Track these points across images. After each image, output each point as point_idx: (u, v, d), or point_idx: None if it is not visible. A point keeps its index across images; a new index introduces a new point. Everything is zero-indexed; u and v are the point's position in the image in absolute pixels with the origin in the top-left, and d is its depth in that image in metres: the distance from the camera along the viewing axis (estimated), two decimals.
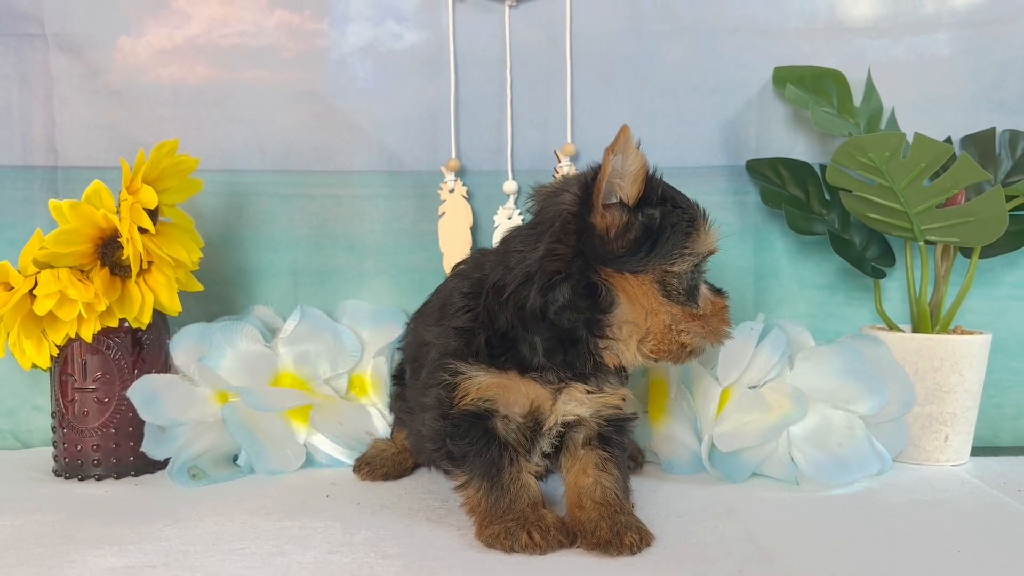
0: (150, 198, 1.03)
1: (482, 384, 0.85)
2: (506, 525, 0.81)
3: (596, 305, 0.83)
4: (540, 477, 0.90)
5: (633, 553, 0.79)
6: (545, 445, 0.88)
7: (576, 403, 0.86)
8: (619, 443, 0.90)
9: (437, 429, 0.88)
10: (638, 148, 0.83)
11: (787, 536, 0.85)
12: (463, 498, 0.87)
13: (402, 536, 0.85)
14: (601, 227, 0.82)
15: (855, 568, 0.77)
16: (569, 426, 0.88)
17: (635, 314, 0.84)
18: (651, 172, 0.86)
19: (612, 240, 0.83)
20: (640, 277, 0.83)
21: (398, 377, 1.12)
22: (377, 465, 1.07)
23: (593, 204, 0.82)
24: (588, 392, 0.87)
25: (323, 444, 1.13)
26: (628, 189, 0.83)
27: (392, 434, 1.14)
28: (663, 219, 0.85)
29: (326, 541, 0.83)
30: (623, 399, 0.90)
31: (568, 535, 0.82)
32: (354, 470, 1.09)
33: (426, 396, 0.90)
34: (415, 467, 1.11)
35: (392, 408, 1.15)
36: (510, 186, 1.26)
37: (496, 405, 0.86)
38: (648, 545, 0.81)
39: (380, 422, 1.17)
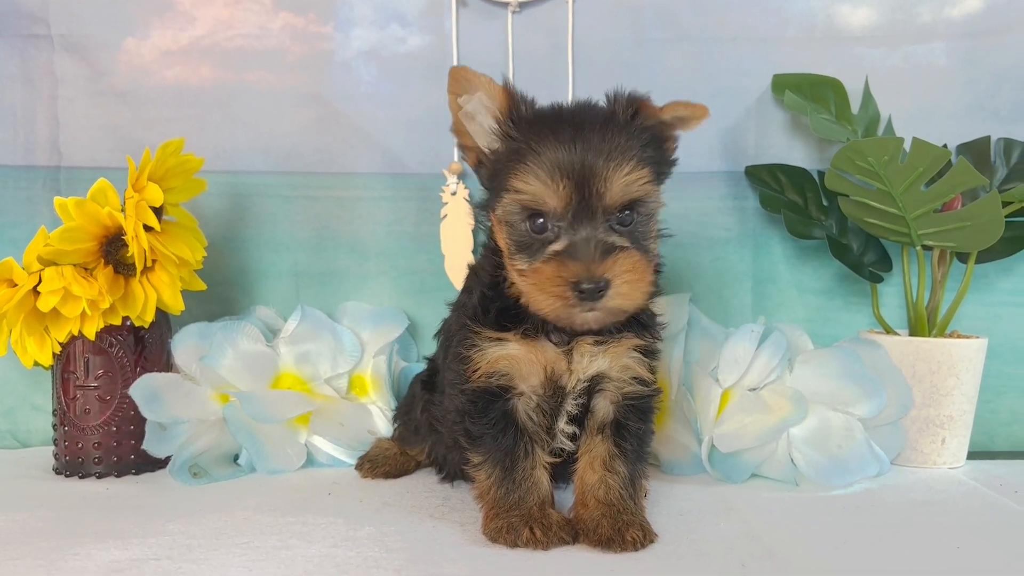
0: (156, 196, 1.03)
1: (491, 356, 0.84)
2: (510, 520, 0.81)
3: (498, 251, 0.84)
4: (563, 474, 0.90)
5: (636, 550, 0.79)
6: (571, 407, 0.86)
7: (589, 356, 0.84)
8: (636, 432, 0.86)
9: (456, 406, 0.88)
10: (487, 80, 0.82)
11: (788, 534, 0.86)
12: (475, 480, 0.87)
13: (405, 531, 0.85)
14: (473, 165, 0.86)
15: (857, 563, 0.78)
16: (591, 389, 0.86)
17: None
18: (512, 99, 0.82)
19: (481, 176, 0.85)
20: (494, 216, 0.83)
21: (427, 382, 1.05)
22: (379, 463, 1.08)
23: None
24: (596, 343, 0.83)
25: (324, 445, 1.13)
26: (483, 123, 0.83)
27: (393, 436, 1.14)
28: (504, 149, 0.81)
29: (330, 536, 0.83)
30: (635, 352, 0.85)
31: (571, 534, 0.82)
32: (356, 467, 1.09)
33: (448, 373, 0.90)
34: (416, 467, 1.12)
35: (399, 416, 1.13)
36: None
37: (512, 380, 0.84)
38: (651, 542, 0.81)
39: (381, 420, 1.17)
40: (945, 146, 1.20)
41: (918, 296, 1.15)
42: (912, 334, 1.17)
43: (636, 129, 0.80)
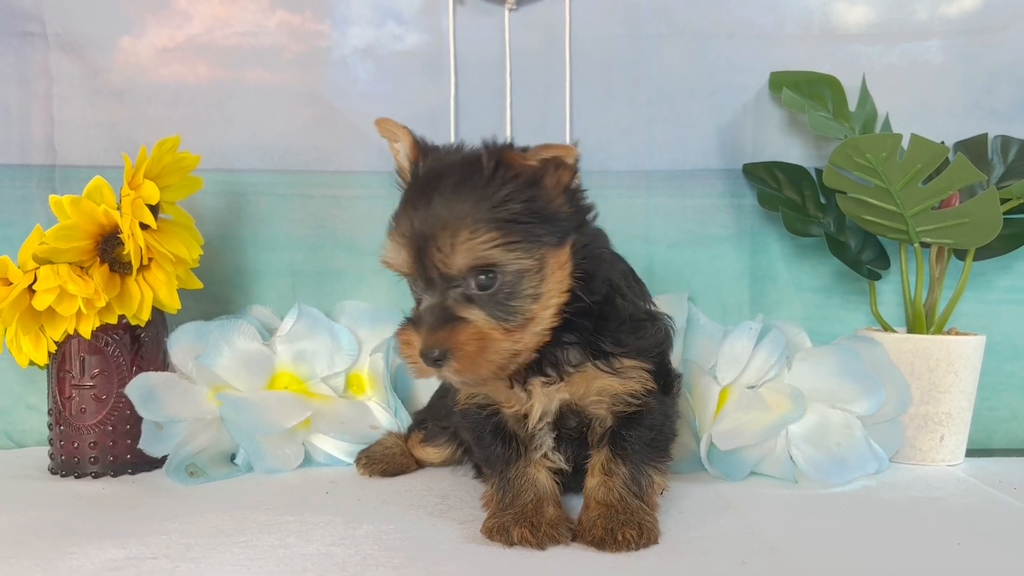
0: (152, 193, 1.03)
1: None
2: (502, 520, 0.81)
3: None
4: (576, 484, 0.89)
5: (630, 549, 0.78)
6: (548, 441, 0.86)
7: (546, 396, 0.83)
8: (637, 437, 0.84)
9: (459, 421, 0.91)
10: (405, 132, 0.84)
11: (787, 530, 0.86)
12: (484, 490, 0.89)
13: (404, 530, 0.85)
14: None
15: (856, 560, 0.78)
16: (570, 418, 0.85)
17: None
18: (418, 154, 0.83)
19: None
20: None
21: None
22: (376, 460, 1.08)
23: None
24: (547, 383, 0.82)
25: (323, 443, 1.13)
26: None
27: (411, 439, 1.13)
28: None
29: (328, 534, 0.83)
30: (601, 376, 0.82)
31: (566, 532, 0.81)
32: (355, 462, 1.10)
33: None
34: (418, 467, 1.12)
35: (427, 415, 1.13)
36: None
37: (494, 399, 0.85)
38: (652, 542, 0.79)
39: (381, 414, 1.17)
40: (943, 143, 1.21)
41: (916, 293, 1.15)
42: (910, 331, 1.17)
43: (495, 184, 0.75)
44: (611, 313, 0.83)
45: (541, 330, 0.78)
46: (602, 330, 0.82)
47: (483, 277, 0.74)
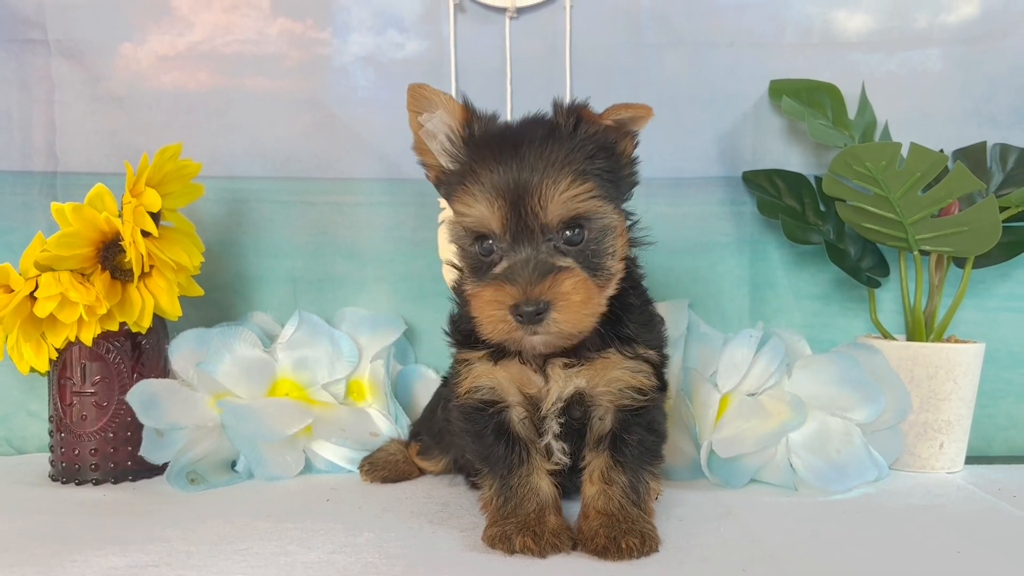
0: (153, 201, 1.03)
1: (474, 373, 0.84)
2: (504, 528, 0.81)
3: None
4: (573, 487, 0.88)
5: (632, 557, 0.78)
6: (555, 427, 0.84)
7: (564, 377, 0.82)
8: (638, 441, 0.84)
9: (456, 420, 0.88)
10: (446, 98, 0.80)
11: (788, 538, 0.86)
12: (481, 492, 0.87)
13: (405, 537, 0.85)
14: (434, 183, 0.85)
15: (856, 568, 0.78)
16: (584, 404, 0.84)
17: None
18: (469, 118, 0.81)
19: (441, 195, 0.85)
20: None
21: (449, 379, 1.00)
22: (379, 466, 1.08)
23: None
24: (567, 365, 0.81)
25: (324, 450, 1.13)
26: (443, 141, 0.81)
27: (409, 441, 1.14)
28: (455, 169, 0.80)
29: (329, 542, 0.83)
30: (628, 362, 0.82)
31: (568, 540, 0.81)
32: (359, 468, 1.10)
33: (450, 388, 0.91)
34: (421, 474, 1.12)
35: (420, 427, 1.13)
36: None
37: (498, 394, 0.84)
38: (653, 550, 0.79)
39: (381, 421, 1.17)
40: (942, 151, 1.21)
41: (915, 301, 1.15)
42: (910, 339, 1.17)
43: (579, 140, 0.76)
44: (637, 299, 0.84)
45: (608, 297, 0.78)
46: (629, 314, 0.83)
47: (570, 232, 0.75)
